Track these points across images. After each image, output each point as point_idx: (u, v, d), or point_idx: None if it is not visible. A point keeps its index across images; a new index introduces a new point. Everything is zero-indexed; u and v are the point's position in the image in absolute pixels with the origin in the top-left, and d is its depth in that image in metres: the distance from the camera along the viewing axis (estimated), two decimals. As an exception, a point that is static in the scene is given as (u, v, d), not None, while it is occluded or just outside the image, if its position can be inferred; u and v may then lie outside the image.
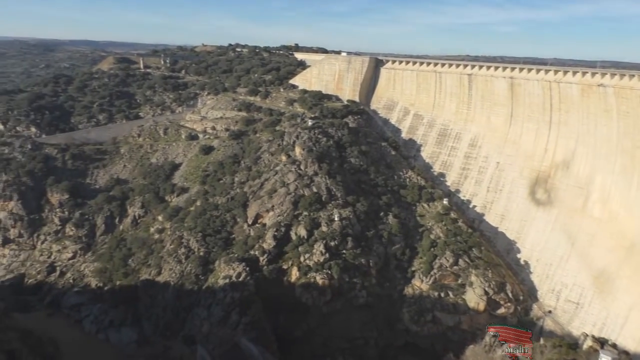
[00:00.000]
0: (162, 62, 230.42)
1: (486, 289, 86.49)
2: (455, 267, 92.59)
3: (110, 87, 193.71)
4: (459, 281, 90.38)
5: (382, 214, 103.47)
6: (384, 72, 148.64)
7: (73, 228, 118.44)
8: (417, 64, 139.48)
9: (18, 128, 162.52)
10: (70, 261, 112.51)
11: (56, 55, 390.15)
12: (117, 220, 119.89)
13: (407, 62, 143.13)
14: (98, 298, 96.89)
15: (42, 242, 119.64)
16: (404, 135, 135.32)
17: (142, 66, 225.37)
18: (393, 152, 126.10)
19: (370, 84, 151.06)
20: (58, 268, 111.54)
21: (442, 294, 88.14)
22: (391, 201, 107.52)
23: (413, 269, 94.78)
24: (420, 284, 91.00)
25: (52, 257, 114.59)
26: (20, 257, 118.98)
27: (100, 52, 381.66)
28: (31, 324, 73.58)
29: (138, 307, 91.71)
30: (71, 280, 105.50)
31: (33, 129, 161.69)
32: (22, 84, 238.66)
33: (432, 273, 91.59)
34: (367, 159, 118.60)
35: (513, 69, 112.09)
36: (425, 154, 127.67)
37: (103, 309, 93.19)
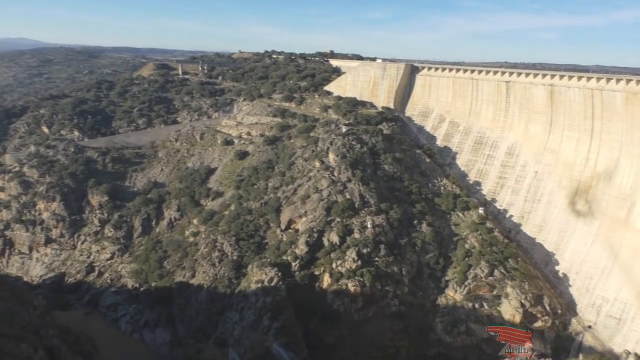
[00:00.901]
0: (200, 69, 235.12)
1: (522, 301, 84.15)
2: (490, 277, 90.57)
3: (150, 93, 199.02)
4: (494, 292, 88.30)
5: (415, 222, 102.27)
6: (419, 79, 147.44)
7: (112, 229, 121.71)
8: (454, 70, 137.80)
9: (62, 132, 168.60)
10: (108, 262, 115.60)
11: (99, 62, 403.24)
12: (153, 222, 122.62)
13: (443, 69, 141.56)
14: (134, 298, 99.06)
15: (82, 243, 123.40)
16: (439, 142, 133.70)
17: (180, 72, 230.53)
18: (428, 160, 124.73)
19: (405, 91, 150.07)
20: (97, 268, 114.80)
21: (477, 305, 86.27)
22: (425, 209, 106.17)
23: (447, 278, 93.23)
24: (454, 294, 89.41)
25: (91, 257, 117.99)
26: (62, 256, 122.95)
27: (141, 58, 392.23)
28: (70, 321, 75.69)
29: (172, 309, 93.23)
30: (109, 281, 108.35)
31: (76, 133, 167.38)
32: (66, 89, 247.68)
33: (466, 283, 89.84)
34: (401, 166, 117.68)
35: (553, 76, 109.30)
36: (460, 162, 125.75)
37: (138, 310, 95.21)
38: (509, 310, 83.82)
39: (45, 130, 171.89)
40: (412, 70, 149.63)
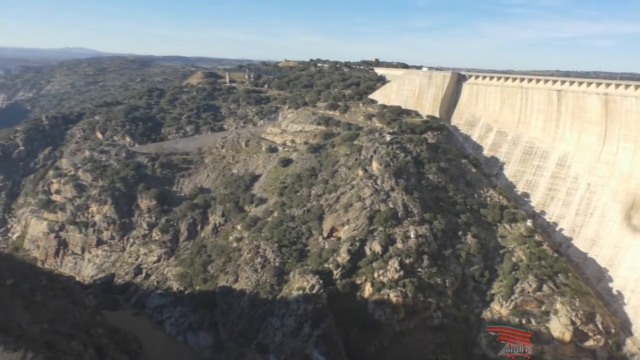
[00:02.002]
0: (247, 77, 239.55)
1: (573, 318, 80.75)
2: (538, 292, 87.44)
3: (198, 101, 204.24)
4: (543, 308, 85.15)
5: (460, 233, 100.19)
6: (466, 87, 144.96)
7: (159, 233, 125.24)
8: (502, 79, 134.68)
9: (115, 137, 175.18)
10: (155, 264, 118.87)
11: (151, 70, 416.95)
12: (199, 227, 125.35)
13: (491, 78, 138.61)
14: (179, 301, 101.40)
15: (131, 245, 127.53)
16: (485, 152, 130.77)
17: (227, 81, 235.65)
18: (474, 170, 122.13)
19: (451, 100, 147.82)
20: (144, 270, 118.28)
21: (524, 321, 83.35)
22: (470, 220, 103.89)
23: (492, 292, 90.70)
24: (499, 309, 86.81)
25: (139, 259, 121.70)
26: (111, 257, 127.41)
27: (190, 67, 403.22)
28: (118, 321, 78.15)
29: (215, 313, 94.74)
30: (155, 283, 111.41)
31: (128, 139, 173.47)
32: (120, 97, 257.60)
33: (512, 298, 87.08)
34: (446, 176, 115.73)
35: (608, 84, 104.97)
36: (508, 172, 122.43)
37: (183, 312, 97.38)
38: (559, 327, 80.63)
39: (99, 136, 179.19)
40: (459, 79, 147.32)
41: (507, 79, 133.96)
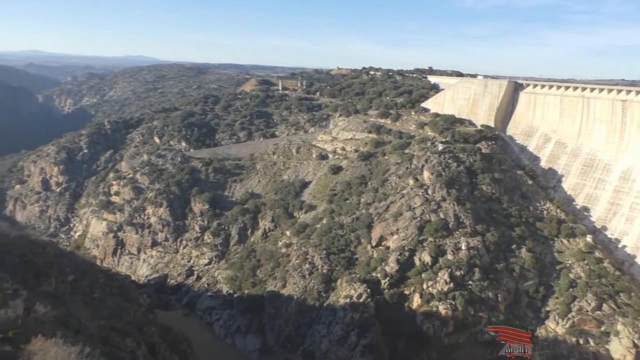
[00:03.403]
0: (299, 85, 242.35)
1: (636, 341, 76.08)
2: (598, 312, 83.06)
3: (251, 107, 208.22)
4: (602, 329, 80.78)
5: (514, 246, 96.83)
6: (523, 96, 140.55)
7: (210, 236, 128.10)
8: (562, 88, 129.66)
9: (171, 142, 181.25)
10: (206, 267, 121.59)
11: (207, 77, 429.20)
12: (249, 232, 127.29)
13: (550, 87, 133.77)
14: (228, 304, 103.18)
15: (184, 247, 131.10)
16: (542, 164, 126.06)
17: (280, 88, 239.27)
18: (529, 182, 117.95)
19: (507, 109, 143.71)
20: (195, 272, 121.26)
21: (581, 341, 79.40)
22: (525, 234, 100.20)
23: (547, 309, 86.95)
24: (555, 327, 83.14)
25: (191, 261, 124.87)
26: (165, 259, 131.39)
27: (245, 74, 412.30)
28: (170, 321, 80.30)
29: (263, 317, 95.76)
30: (206, 285, 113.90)
31: (183, 144, 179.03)
32: (177, 103, 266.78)
33: (569, 316, 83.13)
34: (500, 187, 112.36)
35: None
36: (566, 185, 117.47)
37: (231, 315, 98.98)
38: (619, 349, 76.22)
39: (157, 140, 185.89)
40: (516, 88, 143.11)
41: (567, 88, 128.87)
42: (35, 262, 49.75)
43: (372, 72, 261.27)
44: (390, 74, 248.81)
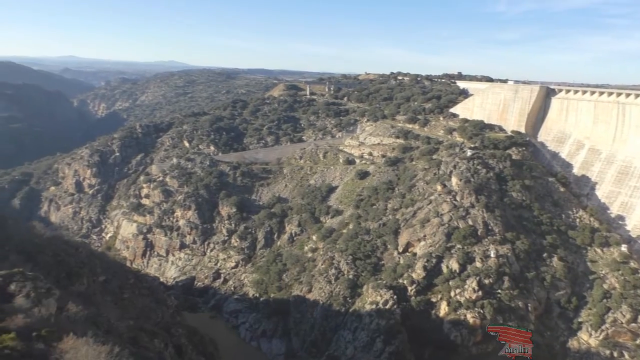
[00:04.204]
0: (327, 90, 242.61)
1: (673, 355, 73.55)
2: (633, 324, 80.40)
3: (279, 112, 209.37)
4: (638, 341, 78.18)
5: (545, 255, 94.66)
6: (555, 102, 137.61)
7: (237, 240, 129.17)
8: (596, 93, 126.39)
9: (200, 146, 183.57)
10: (233, 270, 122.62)
11: (235, 82, 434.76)
12: (275, 235, 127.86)
13: (584, 92, 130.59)
14: (254, 307, 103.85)
15: (211, 250, 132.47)
16: (575, 171, 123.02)
17: (308, 93, 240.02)
18: (561, 189, 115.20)
19: (538, 115, 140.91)
20: (222, 275, 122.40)
21: (615, 354, 76.99)
22: (557, 242, 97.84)
23: (580, 320, 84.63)
24: (588, 338, 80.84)
25: (218, 264, 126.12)
26: (193, 261, 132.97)
27: (273, 79, 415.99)
28: (196, 323, 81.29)
29: (288, 321, 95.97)
30: (232, 288, 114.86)
31: (212, 148, 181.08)
32: (206, 107, 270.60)
33: (603, 328, 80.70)
34: (530, 194, 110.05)
35: None
36: (600, 193, 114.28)
37: (257, 319, 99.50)
38: (656, 364, 73.70)
39: (186, 144, 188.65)
40: (548, 93, 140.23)
41: (601, 93, 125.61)
42: (68, 262, 51.02)
43: (400, 77, 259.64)
44: (419, 79, 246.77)
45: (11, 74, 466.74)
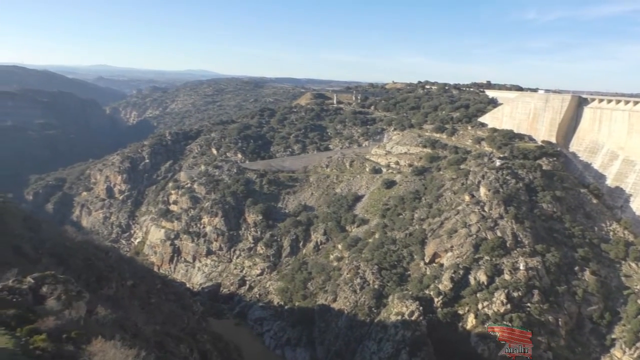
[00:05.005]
0: (354, 98, 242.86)
1: None
2: (669, 342, 77.49)
3: (306, 121, 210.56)
4: (675, 361, 75.27)
5: (576, 268, 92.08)
6: (587, 111, 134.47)
7: (263, 247, 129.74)
8: (630, 103, 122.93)
9: (228, 154, 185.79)
10: (258, 277, 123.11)
11: (263, 91, 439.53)
12: (301, 244, 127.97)
13: (617, 101, 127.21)
14: (278, 315, 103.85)
15: (237, 257, 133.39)
16: (609, 182, 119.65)
17: (335, 102, 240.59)
18: (594, 201, 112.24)
19: (569, 125, 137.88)
20: (248, 282, 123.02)
21: (651, 373, 74.26)
22: (589, 255, 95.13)
23: (613, 336, 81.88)
24: (621, 356, 78.08)
25: (244, 271, 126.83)
26: (219, 268, 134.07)
27: (300, 88, 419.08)
28: (221, 329, 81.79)
29: (313, 330, 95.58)
30: (257, 295, 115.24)
31: (239, 155, 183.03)
32: (234, 116, 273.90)
33: (638, 345, 77.81)
34: (561, 206, 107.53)
35: None
36: (635, 205, 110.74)
37: (282, 327, 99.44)
38: (694, 384, 70.71)
39: (214, 151, 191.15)
40: (580, 102, 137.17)
41: (636, 103, 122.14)
42: (98, 266, 52.03)
43: (427, 86, 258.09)
44: (447, 88, 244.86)
45: (47, 82, 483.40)
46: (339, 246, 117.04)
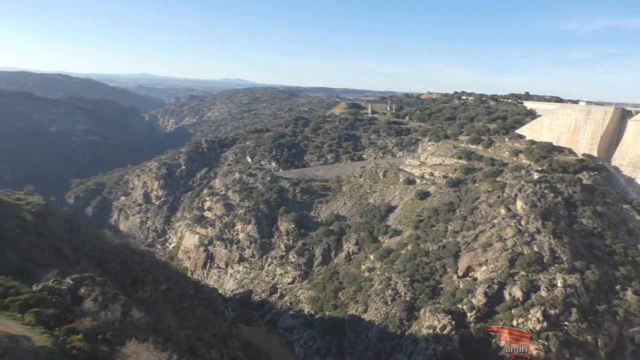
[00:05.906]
0: (388, 108, 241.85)
1: None
2: None
3: (340, 130, 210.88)
4: None
5: (618, 287, 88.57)
6: (631, 124, 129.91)
7: (295, 255, 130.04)
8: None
9: (262, 162, 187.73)
10: (289, 285, 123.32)
11: (298, 100, 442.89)
12: (332, 253, 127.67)
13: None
14: (309, 324, 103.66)
15: (269, 264, 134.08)
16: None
17: (369, 111, 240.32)
18: (638, 217, 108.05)
19: (612, 138, 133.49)
20: (279, 290, 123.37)
21: (697, 400, 70.60)
22: (632, 274, 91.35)
23: (656, 360, 78.39)
24: (665, 381, 74.59)
25: (275, 279, 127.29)
26: (251, 275, 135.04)
27: (335, 97, 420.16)
28: (252, 336, 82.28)
29: (343, 341, 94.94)
30: (288, 303, 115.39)
31: (273, 164, 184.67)
32: (269, 124, 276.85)
33: (683, 370, 74.36)
34: (602, 222, 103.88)
35: None
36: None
37: (312, 336, 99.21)
38: None
39: (249, 159, 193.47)
40: (623, 115, 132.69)
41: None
42: (134, 269, 53.19)
43: (464, 97, 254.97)
44: (484, 99, 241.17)
45: (90, 89, 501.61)
46: (371, 257, 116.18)
